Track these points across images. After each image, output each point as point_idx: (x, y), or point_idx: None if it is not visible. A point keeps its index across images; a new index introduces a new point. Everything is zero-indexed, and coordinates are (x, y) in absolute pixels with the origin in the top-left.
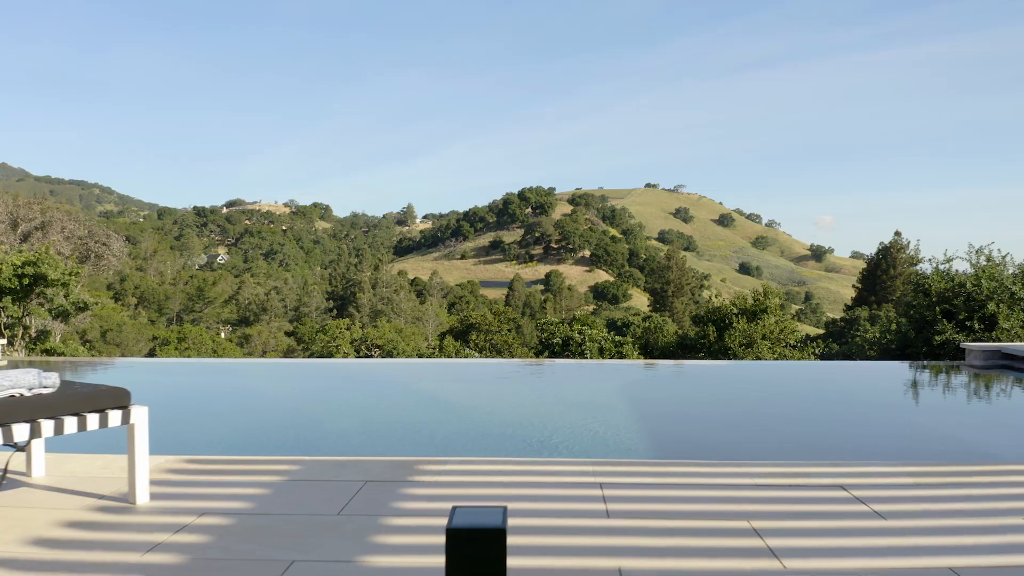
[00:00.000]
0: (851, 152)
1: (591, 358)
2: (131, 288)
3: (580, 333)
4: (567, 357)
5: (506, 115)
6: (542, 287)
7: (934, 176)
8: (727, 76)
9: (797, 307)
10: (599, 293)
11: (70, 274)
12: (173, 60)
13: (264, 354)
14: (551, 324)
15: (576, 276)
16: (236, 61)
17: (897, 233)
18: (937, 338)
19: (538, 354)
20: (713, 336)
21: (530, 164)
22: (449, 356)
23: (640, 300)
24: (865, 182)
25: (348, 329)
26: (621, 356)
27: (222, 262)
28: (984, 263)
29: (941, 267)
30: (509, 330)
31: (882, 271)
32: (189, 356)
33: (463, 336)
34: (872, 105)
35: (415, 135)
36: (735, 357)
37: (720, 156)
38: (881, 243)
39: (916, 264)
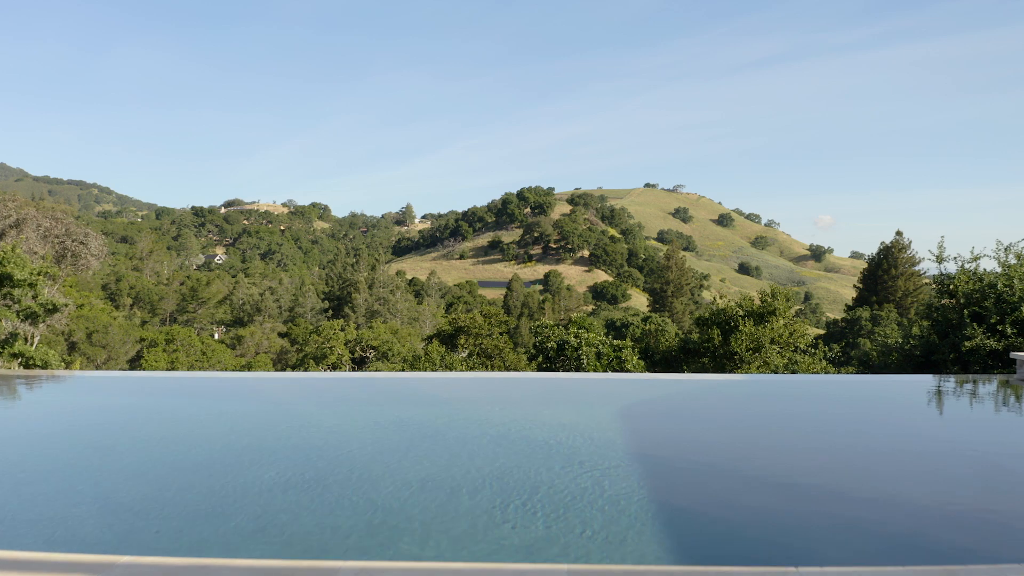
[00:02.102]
0: (850, 152)
1: (588, 365)
2: (126, 288)
3: (576, 337)
4: (562, 363)
5: (506, 115)
6: (541, 287)
7: (934, 176)
8: (727, 76)
9: (797, 307)
10: (598, 293)
11: (38, 274)
12: (172, 60)
13: (256, 355)
14: (545, 328)
15: (575, 276)
16: (235, 61)
17: (898, 233)
18: (966, 344)
19: (531, 358)
20: (718, 340)
21: (529, 164)
22: (433, 364)
23: (639, 300)
24: (864, 182)
25: (343, 330)
26: (620, 362)
27: (219, 262)
28: (1014, 261)
29: (967, 266)
30: (501, 333)
31: (883, 271)
32: (176, 358)
33: (451, 340)
34: (872, 105)
35: (414, 135)
36: (741, 362)
37: (719, 156)
38: (882, 243)
39: (919, 264)
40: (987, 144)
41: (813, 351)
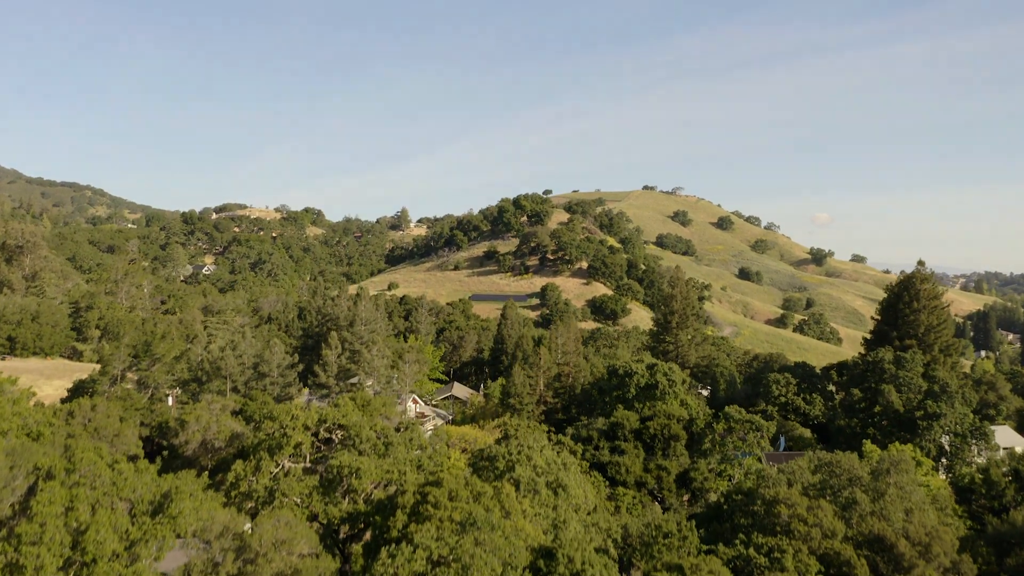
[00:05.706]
0: (849, 151)
1: None
2: (94, 319)
3: None
4: None
5: (504, 116)
6: (537, 300)
7: (933, 175)
8: (727, 76)
9: (800, 316)
10: (597, 308)
11: None
12: (172, 60)
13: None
14: None
15: (573, 289)
16: (232, 62)
17: (920, 263)
18: None
19: None
20: None
21: (527, 165)
22: None
23: (639, 315)
24: (863, 181)
25: (303, 410)
26: None
27: (208, 273)
28: None
29: None
30: None
31: (904, 304)
32: (77, 495)
33: None
34: (872, 104)
35: (411, 136)
36: None
37: (719, 156)
38: (902, 272)
39: (940, 296)
40: (987, 143)
41: None
